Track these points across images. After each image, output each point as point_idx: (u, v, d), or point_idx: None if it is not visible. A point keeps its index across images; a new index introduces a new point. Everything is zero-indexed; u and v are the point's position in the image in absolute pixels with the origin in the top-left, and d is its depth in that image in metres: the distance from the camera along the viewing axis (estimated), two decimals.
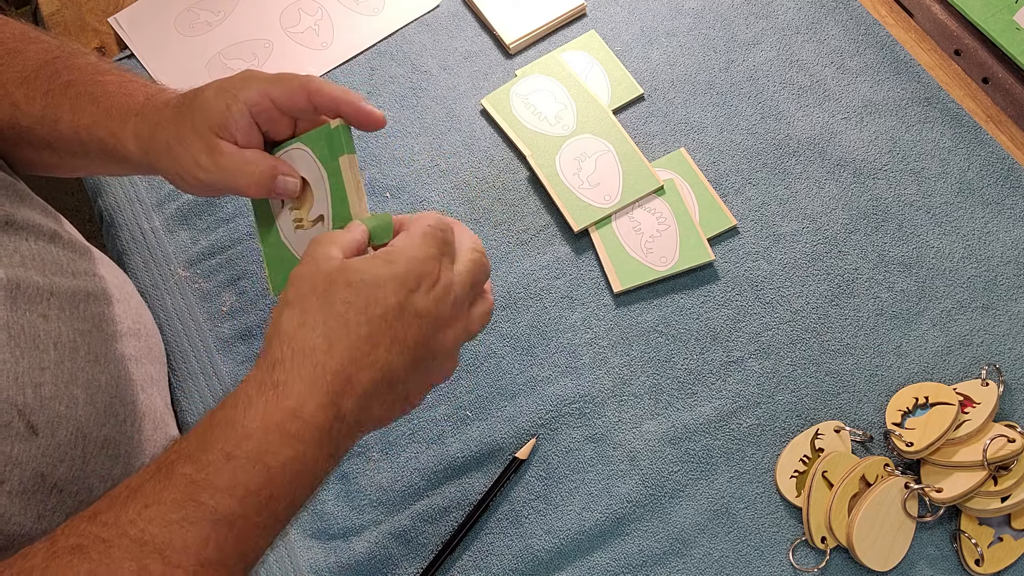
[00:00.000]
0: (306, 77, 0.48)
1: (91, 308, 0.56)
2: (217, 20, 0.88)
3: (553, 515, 0.64)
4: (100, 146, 0.52)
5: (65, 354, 0.51)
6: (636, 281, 0.71)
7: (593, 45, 0.83)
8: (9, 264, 0.51)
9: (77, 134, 0.52)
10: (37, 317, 0.51)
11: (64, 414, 0.50)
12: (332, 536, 0.65)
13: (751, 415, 0.66)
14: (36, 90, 0.52)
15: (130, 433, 0.56)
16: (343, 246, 0.43)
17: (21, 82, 0.52)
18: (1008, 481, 0.58)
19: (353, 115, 0.48)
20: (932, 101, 0.76)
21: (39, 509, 0.48)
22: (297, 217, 0.51)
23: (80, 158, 0.55)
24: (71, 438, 0.50)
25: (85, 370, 0.53)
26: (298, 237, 0.50)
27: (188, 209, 0.79)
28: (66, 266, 0.56)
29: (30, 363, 0.49)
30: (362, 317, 0.40)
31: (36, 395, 0.48)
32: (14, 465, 0.46)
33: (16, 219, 0.54)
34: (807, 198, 0.74)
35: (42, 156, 0.56)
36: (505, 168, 0.78)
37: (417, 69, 0.84)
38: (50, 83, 0.52)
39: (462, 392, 0.69)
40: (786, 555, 0.61)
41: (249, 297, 0.74)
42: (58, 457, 0.49)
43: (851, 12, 0.81)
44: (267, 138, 0.51)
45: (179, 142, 0.48)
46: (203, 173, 0.48)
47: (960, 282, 0.69)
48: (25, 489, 0.47)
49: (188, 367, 0.72)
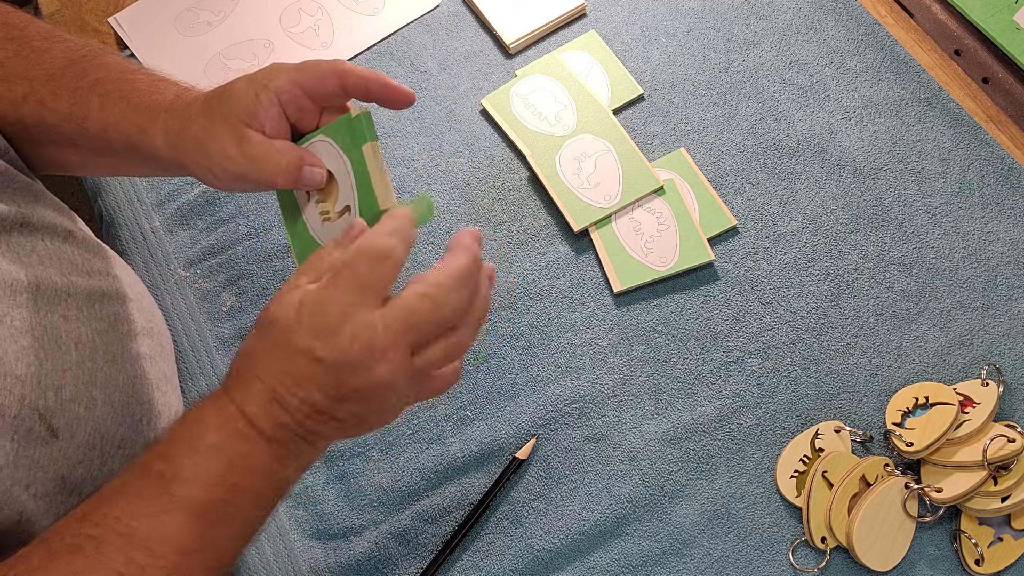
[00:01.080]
0: (334, 60, 0.48)
1: (106, 307, 0.56)
2: (217, 20, 0.88)
3: (553, 515, 0.64)
4: (127, 143, 0.52)
5: (85, 354, 0.52)
6: (636, 281, 0.71)
7: (593, 45, 0.83)
8: (28, 264, 0.51)
9: (105, 131, 0.52)
10: (58, 318, 0.51)
11: (83, 416, 0.50)
12: (332, 536, 0.65)
13: (751, 415, 0.66)
14: (63, 88, 0.52)
15: (146, 432, 0.56)
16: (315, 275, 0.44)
17: (47, 79, 0.53)
18: (1008, 481, 0.58)
19: (382, 92, 0.49)
20: (932, 101, 0.76)
21: (59, 511, 0.48)
22: (324, 210, 0.51)
23: (105, 156, 0.54)
24: (90, 439, 0.51)
25: (103, 370, 0.53)
26: (325, 229, 0.51)
27: (188, 209, 0.79)
28: (81, 265, 0.56)
29: (53, 365, 0.49)
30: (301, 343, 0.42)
31: (57, 398, 0.48)
32: (37, 468, 0.47)
33: (32, 219, 0.54)
34: (807, 198, 0.74)
35: (65, 154, 0.56)
36: (505, 168, 0.78)
37: (417, 69, 0.84)
38: (78, 81, 0.53)
39: (462, 392, 0.69)
40: (786, 555, 0.61)
41: (249, 297, 0.74)
42: (77, 459, 0.50)
43: (851, 12, 0.82)
44: (294, 130, 0.51)
45: (208, 134, 0.48)
46: (231, 164, 0.48)
47: (960, 282, 0.69)
48: (47, 492, 0.47)
49: (188, 367, 0.72)
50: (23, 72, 0.53)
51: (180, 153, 0.50)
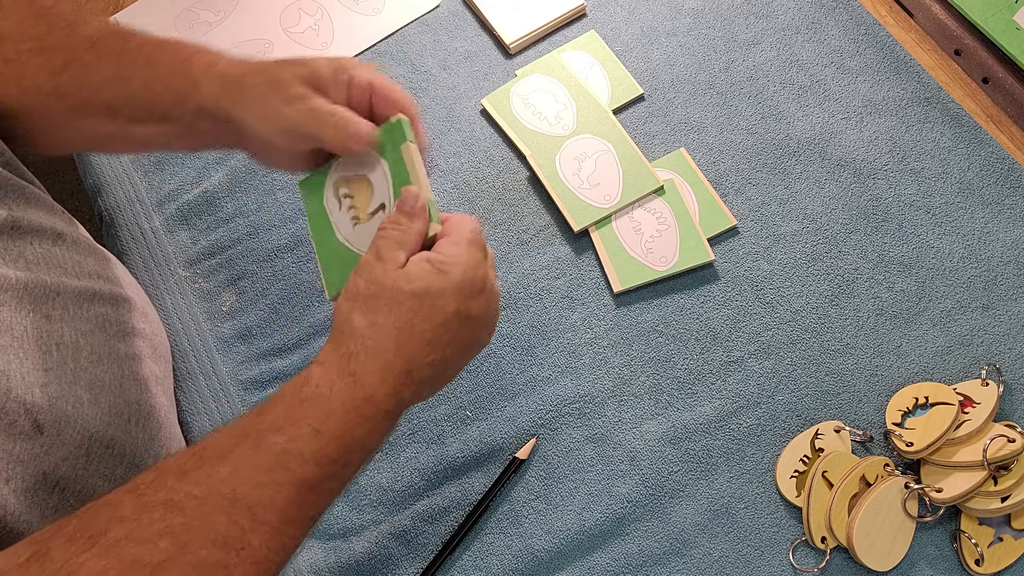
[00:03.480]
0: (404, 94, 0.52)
1: (95, 308, 0.57)
2: (217, 20, 0.88)
3: (553, 515, 0.64)
4: (174, 98, 0.52)
5: (67, 354, 0.52)
6: (636, 281, 0.71)
7: (593, 45, 0.83)
8: (16, 266, 0.51)
9: (150, 88, 0.52)
10: (41, 318, 0.51)
11: (71, 414, 0.50)
12: (332, 536, 0.65)
13: (751, 415, 0.66)
14: (107, 52, 0.53)
15: (135, 433, 0.56)
16: (408, 246, 0.47)
17: (90, 46, 0.53)
18: (1008, 481, 0.58)
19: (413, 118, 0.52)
20: (932, 101, 0.76)
21: (42, 509, 0.48)
22: (354, 216, 0.52)
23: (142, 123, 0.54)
24: (77, 438, 0.51)
25: (88, 370, 0.53)
26: (357, 233, 0.52)
27: (188, 209, 0.79)
28: (71, 268, 0.56)
29: (34, 364, 0.49)
30: (426, 324, 0.45)
31: (44, 394, 0.49)
32: (17, 463, 0.47)
33: (22, 223, 0.54)
34: (807, 198, 0.74)
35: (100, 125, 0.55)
36: (505, 168, 0.78)
37: (417, 69, 0.84)
38: (123, 44, 0.53)
39: (462, 392, 0.69)
40: (786, 555, 0.61)
41: (249, 297, 0.74)
42: (61, 456, 0.50)
43: (851, 12, 0.82)
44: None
45: (271, 84, 0.50)
46: (292, 114, 0.49)
47: (960, 282, 0.69)
48: (28, 488, 0.47)
49: (188, 367, 0.72)
50: (62, 43, 0.53)
51: (233, 102, 0.51)
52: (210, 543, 0.39)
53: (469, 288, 0.46)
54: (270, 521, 0.41)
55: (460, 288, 0.46)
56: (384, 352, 0.44)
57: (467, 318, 0.46)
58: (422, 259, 0.46)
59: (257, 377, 0.71)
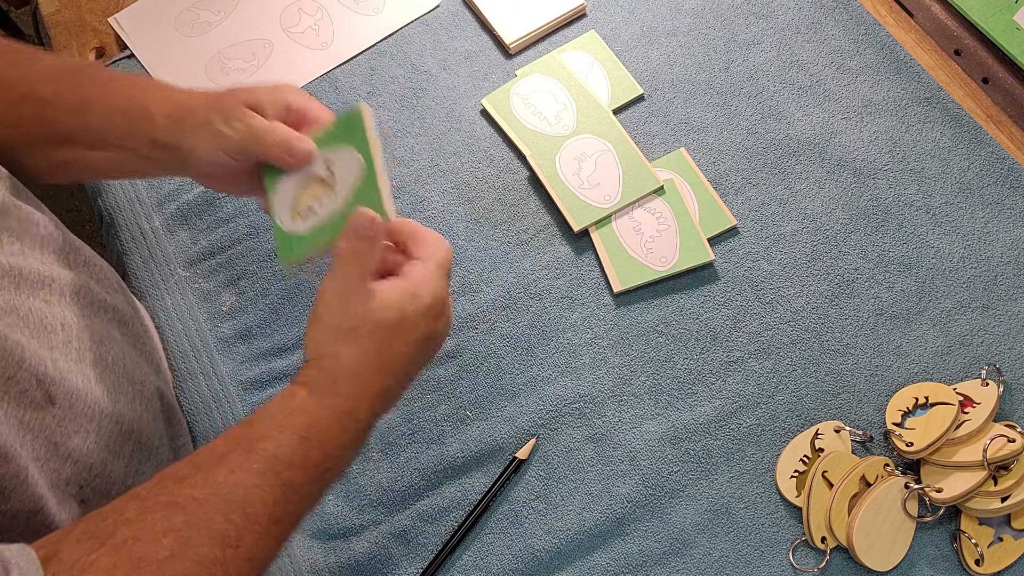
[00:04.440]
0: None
1: (89, 296, 0.59)
2: (217, 20, 0.88)
3: (553, 515, 0.64)
4: (128, 127, 0.55)
5: (72, 334, 0.54)
6: (636, 281, 0.71)
7: (593, 45, 0.83)
8: (10, 253, 0.53)
9: (109, 118, 0.55)
10: (40, 302, 0.53)
11: (81, 388, 0.53)
12: (332, 536, 0.65)
13: (751, 415, 0.66)
14: (68, 86, 0.56)
15: (140, 412, 0.59)
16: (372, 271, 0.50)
17: (49, 80, 0.56)
18: (1008, 481, 0.58)
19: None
20: (932, 101, 0.76)
21: (52, 478, 0.50)
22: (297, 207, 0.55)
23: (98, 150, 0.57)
24: (87, 411, 0.53)
25: (92, 350, 0.56)
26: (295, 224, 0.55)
27: (188, 209, 0.79)
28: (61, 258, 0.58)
29: (40, 343, 0.51)
30: (404, 348, 0.50)
31: (55, 368, 0.51)
32: (27, 431, 0.49)
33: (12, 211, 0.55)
34: (807, 198, 0.74)
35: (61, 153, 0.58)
36: (505, 168, 0.78)
37: (417, 69, 0.84)
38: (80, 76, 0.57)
39: (462, 392, 0.69)
40: (786, 555, 0.61)
41: (249, 297, 0.74)
42: (73, 429, 0.52)
43: (851, 12, 0.81)
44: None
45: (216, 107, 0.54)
46: (234, 135, 0.53)
47: (960, 282, 0.69)
48: (38, 456, 0.49)
49: (188, 367, 0.72)
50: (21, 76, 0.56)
51: (181, 130, 0.54)
52: (209, 540, 0.41)
53: (436, 310, 0.50)
54: (260, 520, 0.44)
55: (429, 311, 0.50)
56: (366, 374, 0.49)
57: (432, 337, 0.51)
58: (396, 286, 0.50)
59: (257, 377, 0.71)
